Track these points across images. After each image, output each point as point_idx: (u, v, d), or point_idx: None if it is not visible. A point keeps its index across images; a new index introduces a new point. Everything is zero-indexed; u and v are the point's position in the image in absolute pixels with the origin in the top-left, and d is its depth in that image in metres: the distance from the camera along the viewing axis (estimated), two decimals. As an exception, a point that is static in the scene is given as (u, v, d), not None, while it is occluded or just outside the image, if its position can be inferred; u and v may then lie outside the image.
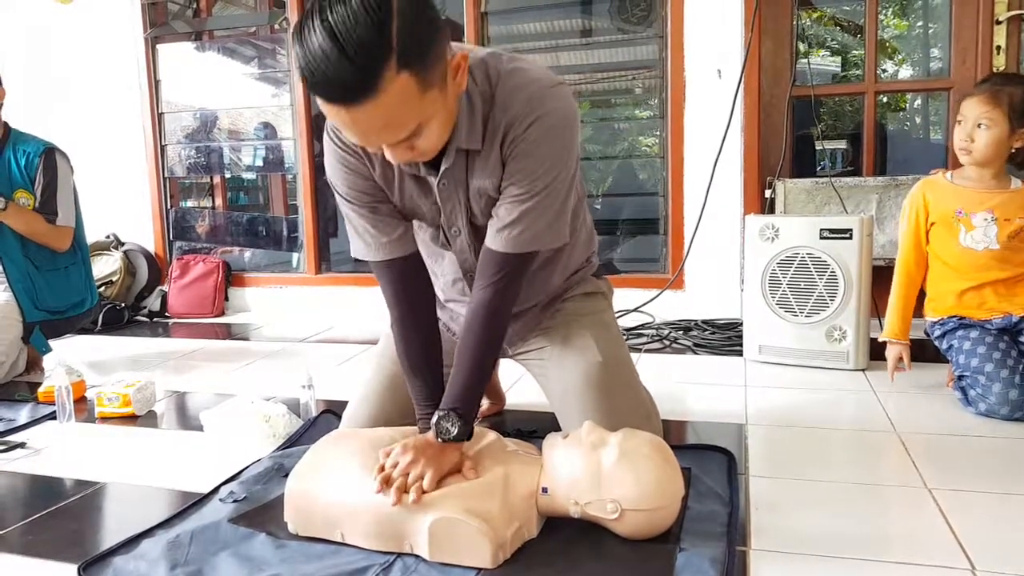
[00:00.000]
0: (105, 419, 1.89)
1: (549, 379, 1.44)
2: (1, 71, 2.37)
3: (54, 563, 1.14)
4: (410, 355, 1.29)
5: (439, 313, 1.44)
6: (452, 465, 1.15)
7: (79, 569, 1.09)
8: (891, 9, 3.56)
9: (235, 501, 1.30)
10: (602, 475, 1.11)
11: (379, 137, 1.01)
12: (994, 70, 2.64)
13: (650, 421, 1.41)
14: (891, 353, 1.89)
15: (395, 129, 1.00)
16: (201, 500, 1.32)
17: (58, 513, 1.33)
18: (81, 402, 2.00)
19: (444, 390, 1.23)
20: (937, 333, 1.86)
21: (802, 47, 2.87)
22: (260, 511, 1.26)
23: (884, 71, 3.41)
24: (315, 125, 3.51)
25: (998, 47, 2.63)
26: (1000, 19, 2.62)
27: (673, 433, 1.66)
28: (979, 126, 1.70)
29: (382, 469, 1.14)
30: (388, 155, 1.06)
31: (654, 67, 3.09)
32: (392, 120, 0.98)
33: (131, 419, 1.89)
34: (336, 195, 1.26)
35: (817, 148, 2.98)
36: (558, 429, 1.35)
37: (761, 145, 2.84)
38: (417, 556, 1.10)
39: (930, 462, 1.45)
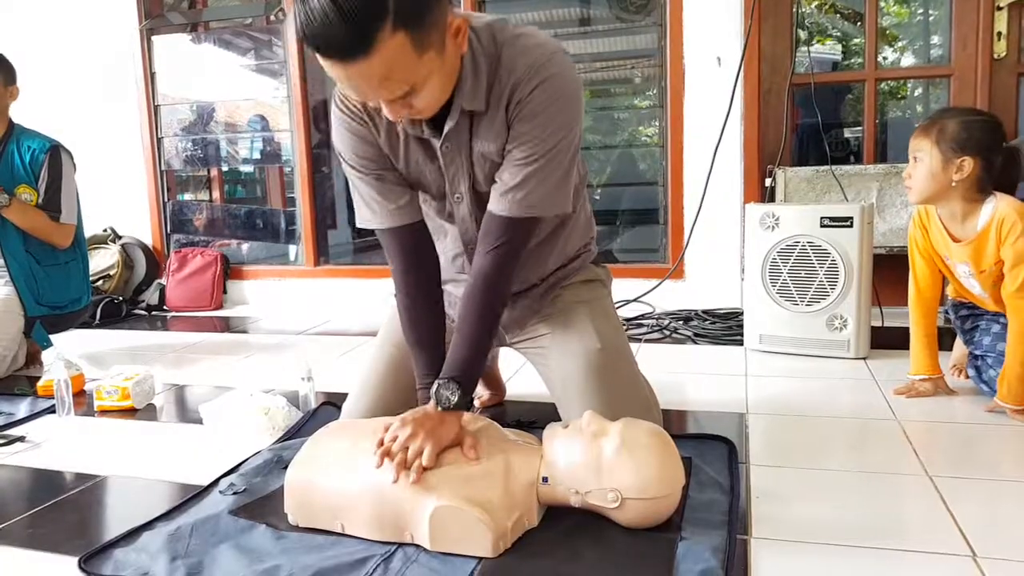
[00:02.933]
0: (104, 412, 1.88)
1: (549, 368, 1.44)
2: (17, 70, 2.37)
3: (55, 556, 1.14)
4: (414, 325, 1.29)
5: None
6: (451, 438, 1.15)
7: (80, 561, 1.09)
8: (893, -4, 3.53)
9: (235, 493, 1.29)
10: (603, 464, 1.11)
11: (374, 93, 1.03)
12: (995, 56, 2.63)
13: (650, 410, 1.40)
14: (924, 387, 1.77)
15: (390, 86, 1.01)
16: (201, 492, 1.32)
17: (58, 506, 1.33)
18: (80, 396, 2.00)
19: (454, 361, 1.23)
20: (964, 313, 1.82)
21: (802, 35, 2.85)
22: (260, 503, 1.26)
23: (885, 58, 3.40)
24: (312, 117, 3.50)
25: (999, 33, 2.62)
26: (1001, 5, 2.60)
27: (674, 423, 1.66)
28: (914, 160, 1.63)
29: (381, 443, 1.14)
30: (386, 111, 1.07)
31: (653, 56, 3.08)
32: (387, 78, 0.99)
33: (130, 412, 1.88)
34: (343, 164, 1.27)
35: (846, 136, 3.00)
36: (558, 419, 1.35)
37: (761, 133, 2.83)
38: (418, 546, 1.09)
39: (931, 449, 1.45)
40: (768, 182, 2.76)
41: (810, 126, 2.93)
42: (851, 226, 2.08)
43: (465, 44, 1.09)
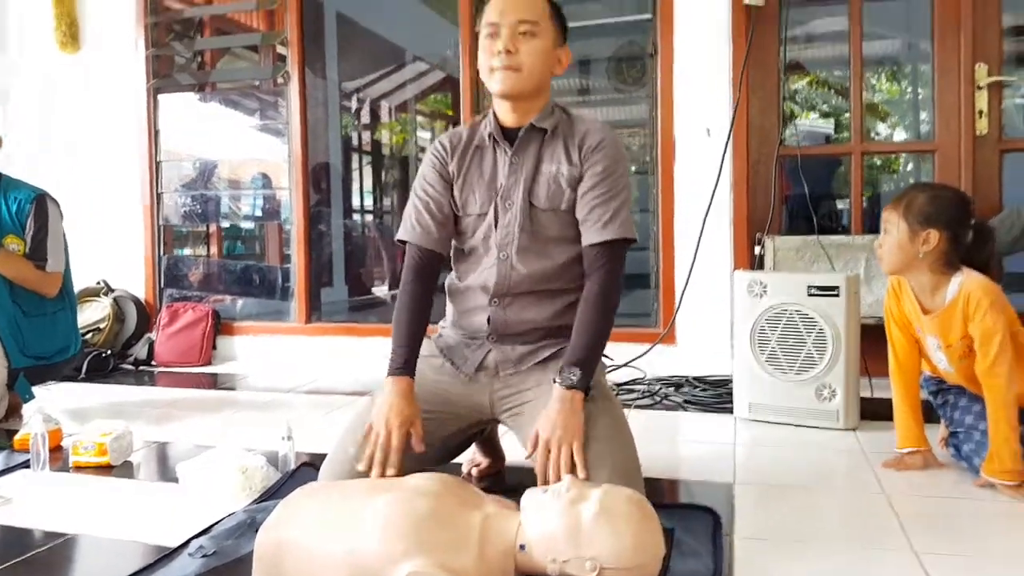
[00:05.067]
0: (80, 468, 1.84)
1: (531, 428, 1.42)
2: None
3: (13, 618, 1.10)
4: (408, 307, 1.51)
5: (451, 333, 1.63)
6: (581, 425, 1.34)
7: (37, 625, 1.06)
8: (883, 74, 3.67)
9: (204, 556, 1.26)
10: (581, 531, 1.08)
11: (521, 7, 1.44)
12: (977, 134, 2.70)
13: (633, 478, 1.38)
14: (913, 460, 1.75)
15: (531, 9, 1.45)
16: (170, 554, 1.28)
17: (25, 565, 1.29)
18: (57, 451, 1.96)
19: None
20: (933, 388, 1.83)
21: (794, 109, 2.94)
22: (230, 567, 1.23)
23: (877, 133, 3.49)
24: (312, 177, 3.56)
25: (980, 111, 2.70)
26: (981, 85, 2.69)
27: (662, 492, 1.63)
28: (884, 231, 1.67)
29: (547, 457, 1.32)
30: (503, 39, 1.43)
31: (646, 125, 3.15)
32: (534, 5, 1.46)
33: (106, 469, 1.84)
34: (416, 186, 1.60)
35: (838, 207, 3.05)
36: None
37: (750, 202, 2.88)
38: (388, 616, 1.06)
39: (917, 524, 1.42)
40: (757, 250, 2.79)
41: (800, 196, 2.98)
42: (838, 295, 2.10)
43: (560, 70, 1.54)
